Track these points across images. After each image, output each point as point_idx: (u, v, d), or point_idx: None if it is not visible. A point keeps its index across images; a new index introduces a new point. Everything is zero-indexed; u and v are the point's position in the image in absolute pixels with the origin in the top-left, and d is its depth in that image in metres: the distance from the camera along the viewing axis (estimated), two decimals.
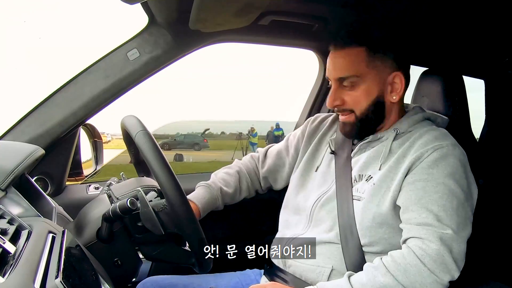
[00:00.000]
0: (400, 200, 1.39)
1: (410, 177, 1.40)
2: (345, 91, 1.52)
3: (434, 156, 1.40)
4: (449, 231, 1.30)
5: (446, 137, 1.46)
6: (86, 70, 1.83)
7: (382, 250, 1.42)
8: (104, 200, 1.44)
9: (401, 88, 1.53)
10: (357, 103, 1.52)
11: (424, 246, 1.28)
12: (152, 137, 1.28)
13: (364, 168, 1.52)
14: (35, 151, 1.49)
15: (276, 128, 20.71)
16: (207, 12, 1.58)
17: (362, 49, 1.49)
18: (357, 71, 1.49)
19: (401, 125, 1.53)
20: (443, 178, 1.37)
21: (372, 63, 1.49)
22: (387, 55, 1.51)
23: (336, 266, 1.46)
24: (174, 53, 1.89)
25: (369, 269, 1.32)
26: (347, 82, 1.50)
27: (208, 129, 20.59)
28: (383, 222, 1.42)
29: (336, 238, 1.48)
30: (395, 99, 1.53)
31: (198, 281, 1.66)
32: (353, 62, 1.49)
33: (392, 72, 1.52)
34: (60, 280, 0.83)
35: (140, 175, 1.68)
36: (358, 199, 1.47)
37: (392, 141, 1.50)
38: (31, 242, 0.96)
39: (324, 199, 1.56)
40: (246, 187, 1.86)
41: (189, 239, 1.28)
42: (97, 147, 2.07)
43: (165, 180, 1.22)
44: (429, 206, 1.33)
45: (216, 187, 1.76)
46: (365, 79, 1.50)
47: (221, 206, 1.78)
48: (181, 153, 19.02)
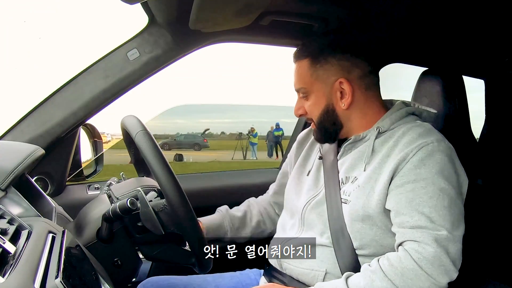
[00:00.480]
0: (390, 204, 1.37)
1: (397, 180, 1.37)
2: (303, 101, 1.56)
3: (419, 156, 1.36)
4: (444, 231, 1.28)
5: (430, 133, 1.43)
6: (86, 70, 1.83)
7: (374, 253, 1.41)
8: (104, 200, 1.45)
9: (349, 94, 1.50)
10: (312, 112, 1.55)
11: (420, 249, 1.27)
12: (152, 137, 1.28)
13: (350, 170, 1.51)
14: (35, 151, 1.49)
15: (276, 128, 20.68)
16: (207, 12, 1.58)
17: (306, 61, 1.52)
18: (304, 82, 1.53)
19: (383, 122, 1.50)
20: (432, 177, 1.34)
21: (315, 73, 1.51)
22: (328, 63, 1.50)
23: (330, 270, 1.46)
24: (174, 53, 1.89)
25: (367, 273, 1.32)
26: (301, 93, 1.55)
27: (208, 129, 20.59)
28: (372, 224, 1.41)
29: (329, 242, 1.47)
30: (344, 107, 1.51)
31: (198, 281, 1.66)
32: (300, 74, 1.54)
33: (337, 79, 1.50)
34: (60, 280, 0.83)
35: (140, 175, 1.69)
36: (345, 202, 1.46)
37: (375, 140, 1.48)
38: (31, 242, 0.96)
39: (314, 202, 1.55)
40: (258, 211, 1.83)
41: (189, 239, 1.28)
42: (97, 147, 2.07)
43: (165, 180, 1.22)
44: (420, 208, 1.31)
45: (223, 209, 1.78)
46: (312, 89, 1.52)
47: (229, 230, 1.76)
48: (181, 153, 19.01)
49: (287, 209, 1.69)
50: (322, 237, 1.49)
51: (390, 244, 1.39)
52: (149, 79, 1.92)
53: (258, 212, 1.83)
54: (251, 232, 1.81)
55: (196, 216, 1.30)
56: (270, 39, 2.15)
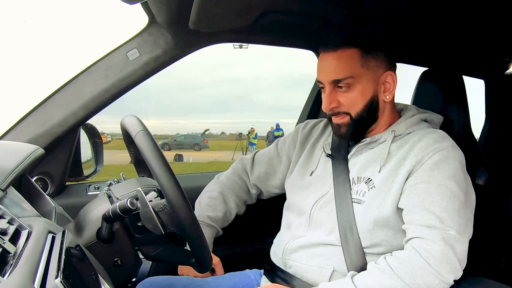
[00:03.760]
0: (403, 202, 1.40)
1: (411, 180, 1.41)
2: (340, 93, 1.52)
3: (435, 159, 1.41)
4: (453, 232, 1.31)
5: (445, 139, 1.47)
6: (86, 70, 1.83)
7: (383, 251, 1.43)
8: (104, 200, 1.44)
9: (393, 87, 1.55)
10: (353, 104, 1.52)
11: (428, 247, 1.30)
12: (152, 137, 1.28)
13: (362, 170, 1.52)
14: (35, 151, 1.49)
15: (277, 128, 20.74)
16: (207, 12, 1.58)
17: (355, 50, 1.50)
18: (353, 72, 1.49)
19: (399, 127, 1.54)
20: (444, 180, 1.38)
21: (366, 64, 1.51)
22: (379, 55, 1.52)
23: (337, 267, 1.47)
24: (174, 53, 1.89)
25: (375, 271, 1.33)
26: (343, 83, 1.50)
27: (208, 130, 20.77)
28: (384, 224, 1.43)
29: (337, 241, 1.48)
30: (388, 99, 1.55)
31: (198, 281, 1.66)
32: (348, 63, 1.50)
33: (385, 72, 1.53)
34: (60, 280, 0.83)
35: (140, 175, 1.69)
36: (358, 202, 1.48)
37: (391, 143, 1.51)
38: (31, 242, 0.95)
39: (323, 201, 1.57)
40: (235, 205, 1.84)
41: (189, 239, 1.28)
42: (97, 147, 2.07)
43: (165, 180, 1.21)
44: (432, 208, 1.35)
45: (208, 220, 1.75)
46: (360, 79, 1.50)
47: (218, 231, 1.78)
48: (181, 153, 19.08)
49: (292, 209, 1.70)
50: (330, 235, 1.51)
51: (400, 244, 1.41)
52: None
53: (236, 206, 1.84)
54: (229, 222, 1.85)
55: (195, 216, 1.31)
56: (271, 39, 2.16)
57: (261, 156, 1.89)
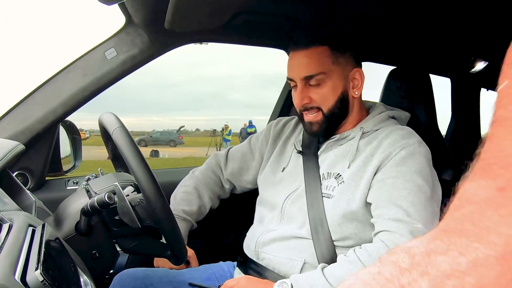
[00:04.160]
0: (371, 197, 1.44)
1: (379, 175, 1.45)
2: (311, 89, 1.55)
3: (402, 154, 1.44)
4: (419, 225, 1.33)
5: (412, 135, 1.51)
6: (65, 68, 1.84)
7: (353, 244, 1.46)
8: (83, 194, 1.45)
9: (361, 83, 1.59)
10: (325, 100, 1.56)
11: (395, 240, 1.32)
12: (129, 134, 1.30)
13: (332, 166, 1.56)
14: (16, 147, 1.51)
15: (249, 125, 20.74)
16: (182, 12, 1.61)
17: (325, 48, 1.54)
18: (324, 68, 1.53)
19: (367, 124, 1.58)
20: (411, 175, 1.41)
21: (336, 60, 1.54)
22: (347, 52, 1.57)
23: (308, 260, 1.50)
24: (151, 52, 1.91)
25: (344, 263, 1.36)
26: (314, 80, 1.54)
27: (183, 126, 20.63)
28: (353, 218, 1.46)
29: (308, 234, 1.51)
30: (357, 94, 1.59)
31: (173, 273, 1.68)
32: (319, 60, 1.53)
33: (353, 68, 1.58)
34: (40, 272, 0.83)
35: (117, 170, 1.70)
36: (328, 196, 1.51)
37: (359, 140, 1.55)
38: (12, 235, 0.96)
39: (294, 196, 1.60)
40: (209, 200, 1.85)
41: (164, 232, 1.30)
42: (76, 143, 2.08)
43: (141, 175, 1.23)
44: (399, 202, 1.37)
45: (183, 214, 1.77)
46: (331, 76, 1.54)
47: (193, 225, 1.80)
48: (157, 149, 18.92)
49: (264, 203, 1.72)
50: (301, 229, 1.54)
51: (369, 237, 1.44)
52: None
53: (210, 200, 1.86)
54: (203, 216, 1.86)
55: (171, 210, 1.34)
56: (244, 39, 2.19)
57: (235, 152, 1.91)
